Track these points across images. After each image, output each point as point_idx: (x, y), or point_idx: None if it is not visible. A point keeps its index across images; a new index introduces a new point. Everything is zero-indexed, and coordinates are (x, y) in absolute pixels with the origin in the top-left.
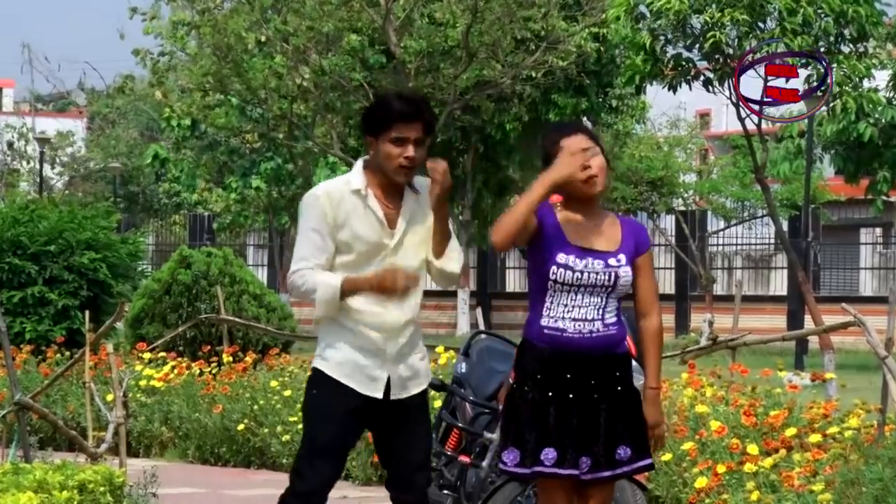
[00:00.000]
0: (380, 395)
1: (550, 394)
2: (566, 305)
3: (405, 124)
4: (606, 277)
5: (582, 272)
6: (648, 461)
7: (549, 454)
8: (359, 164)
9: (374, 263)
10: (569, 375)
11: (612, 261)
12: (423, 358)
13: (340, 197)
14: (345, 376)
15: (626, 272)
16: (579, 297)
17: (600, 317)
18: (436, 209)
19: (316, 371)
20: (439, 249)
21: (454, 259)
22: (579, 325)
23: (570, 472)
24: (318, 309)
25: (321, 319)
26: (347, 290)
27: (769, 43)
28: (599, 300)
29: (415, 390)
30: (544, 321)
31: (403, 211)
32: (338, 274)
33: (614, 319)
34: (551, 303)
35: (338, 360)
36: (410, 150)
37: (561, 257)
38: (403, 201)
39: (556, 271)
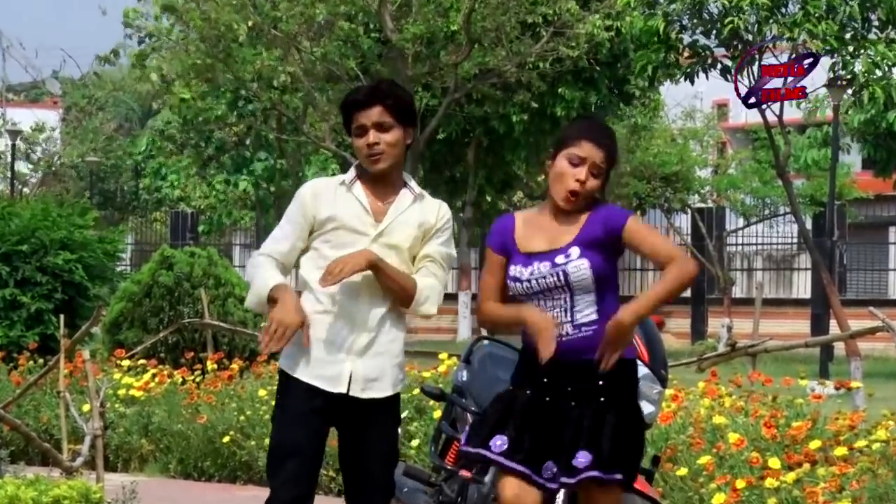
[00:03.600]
0: (342, 390)
1: (528, 392)
2: None
3: (361, 112)
4: (556, 278)
5: (529, 280)
6: (615, 476)
7: (497, 441)
8: (354, 164)
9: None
10: (546, 380)
11: (558, 258)
12: (396, 365)
13: (326, 188)
14: (308, 375)
15: (576, 266)
16: (542, 302)
17: (569, 318)
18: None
19: (280, 373)
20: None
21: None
22: None
23: (516, 467)
24: (249, 300)
25: (249, 308)
26: (273, 296)
27: (791, 29)
28: (563, 301)
29: (377, 394)
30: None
31: (394, 207)
32: (280, 278)
33: (591, 318)
34: None
35: (303, 358)
36: (371, 136)
37: (511, 270)
38: (397, 199)
39: (510, 285)
